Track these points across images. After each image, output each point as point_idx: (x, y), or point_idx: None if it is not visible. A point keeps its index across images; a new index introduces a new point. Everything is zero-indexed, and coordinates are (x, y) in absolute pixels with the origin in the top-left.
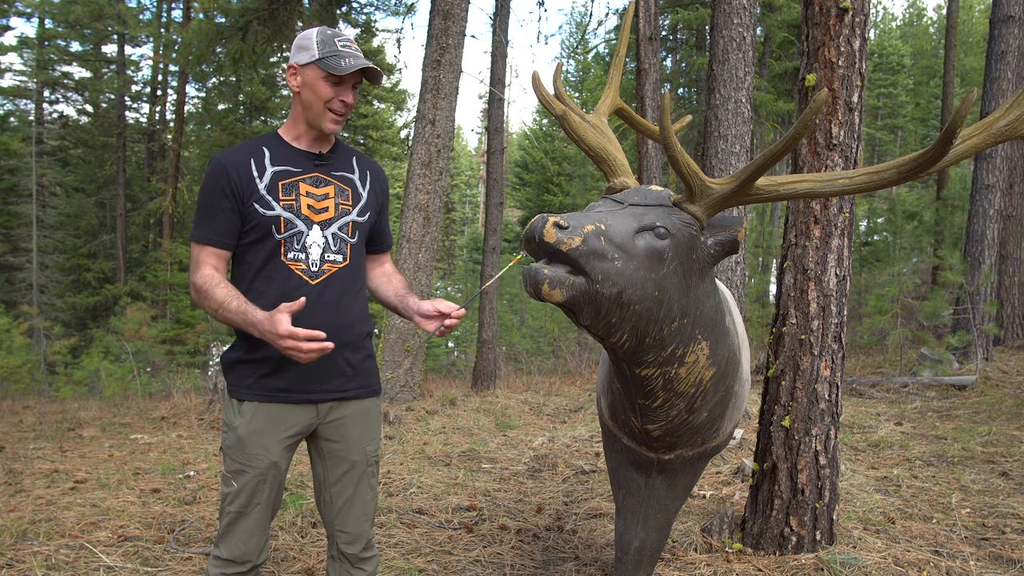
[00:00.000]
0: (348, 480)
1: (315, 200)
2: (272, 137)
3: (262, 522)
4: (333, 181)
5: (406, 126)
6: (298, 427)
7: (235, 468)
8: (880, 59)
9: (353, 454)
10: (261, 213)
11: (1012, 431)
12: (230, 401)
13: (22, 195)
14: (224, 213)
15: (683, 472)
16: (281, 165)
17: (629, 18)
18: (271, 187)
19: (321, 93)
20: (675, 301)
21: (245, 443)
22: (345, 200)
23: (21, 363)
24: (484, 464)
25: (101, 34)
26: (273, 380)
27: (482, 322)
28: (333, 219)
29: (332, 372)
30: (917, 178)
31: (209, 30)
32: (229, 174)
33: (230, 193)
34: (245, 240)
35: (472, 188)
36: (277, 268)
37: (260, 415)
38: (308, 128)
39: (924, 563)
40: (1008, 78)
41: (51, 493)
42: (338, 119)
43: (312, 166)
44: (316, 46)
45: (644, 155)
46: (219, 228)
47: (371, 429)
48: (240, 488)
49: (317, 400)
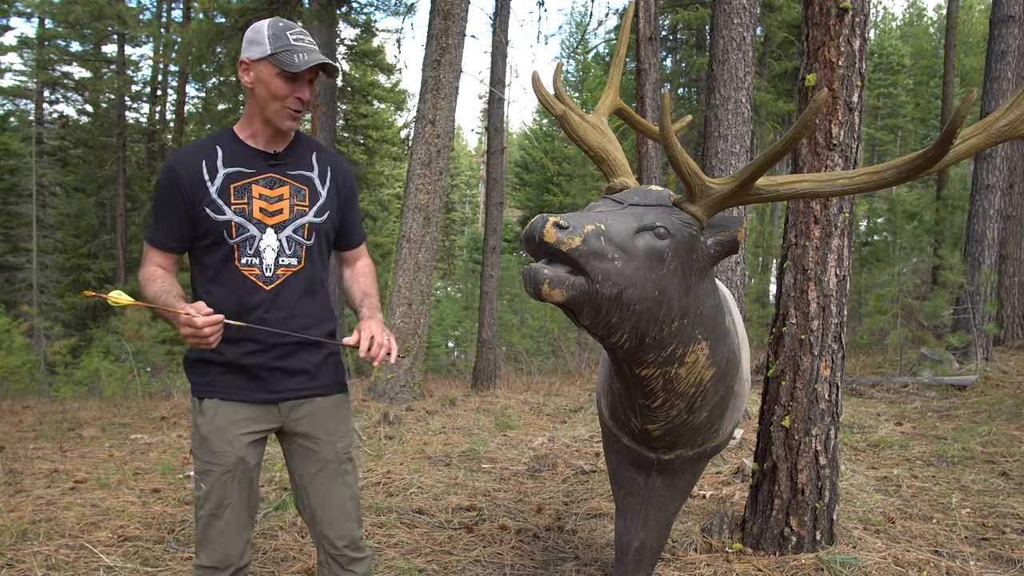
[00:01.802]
0: (322, 479)
1: (268, 202)
2: (226, 135)
3: (238, 522)
4: (288, 181)
5: (406, 126)
6: (260, 424)
7: (202, 469)
8: (880, 59)
9: (324, 452)
10: (212, 218)
11: (1012, 431)
12: (193, 400)
13: (22, 195)
14: (172, 216)
15: (683, 472)
16: (234, 166)
17: (629, 18)
18: (222, 190)
19: (275, 90)
20: (675, 301)
21: (208, 441)
22: (301, 201)
23: (21, 363)
24: (484, 464)
25: (101, 34)
26: (231, 378)
27: (482, 322)
28: (287, 221)
29: (291, 372)
30: (917, 178)
31: (209, 30)
32: (180, 177)
33: (180, 197)
34: (200, 244)
35: (472, 188)
36: (232, 274)
37: (221, 411)
38: (264, 125)
39: (924, 563)
40: (1008, 78)
41: (51, 493)
42: (295, 115)
43: (266, 166)
44: (268, 40)
45: (644, 155)
46: (165, 230)
47: (340, 425)
48: (209, 489)
49: (276, 400)
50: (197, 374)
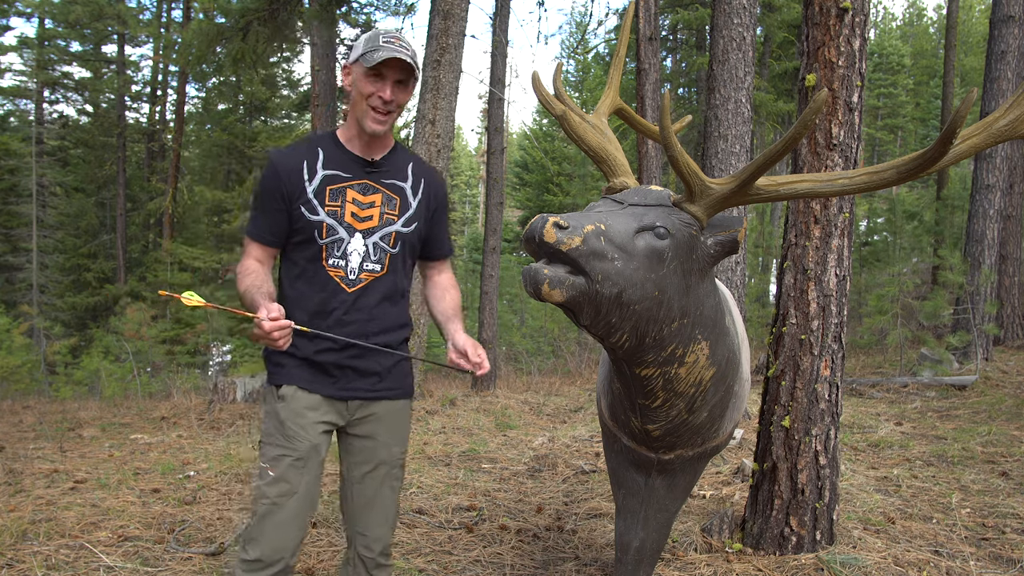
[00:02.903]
0: (371, 480)
1: (360, 208)
2: (329, 137)
3: (299, 515)
4: (382, 189)
5: (406, 126)
6: (330, 416)
7: (274, 455)
8: (880, 59)
9: (379, 454)
10: (306, 217)
11: (1012, 431)
12: (269, 389)
13: (22, 195)
14: (272, 212)
15: (683, 472)
16: (332, 169)
17: (629, 18)
18: (319, 191)
19: (361, 89)
20: (675, 301)
21: (286, 425)
22: (391, 210)
23: (21, 363)
24: (484, 464)
25: (101, 34)
26: (307, 371)
27: (482, 322)
28: (376, 228)
29: (362, 372)
30: (917, 178)
31: (209, 30)
32: (280, 176)
33: (279, 194)
34: (293, 239)
35: (472, 188)
36: (317, 273)
37: (299, 397)
38: (359, 130)
39: (924, 563)
40: (1008, 78)
41: (51, 493)
42: (380, 118)
43: (363, 172)
44: (363, 43)
45: (644, 155)
46: (265, 225)
47: (400, 431)
48: (279, 475)
49: (346, 397)
50: (275, 364)
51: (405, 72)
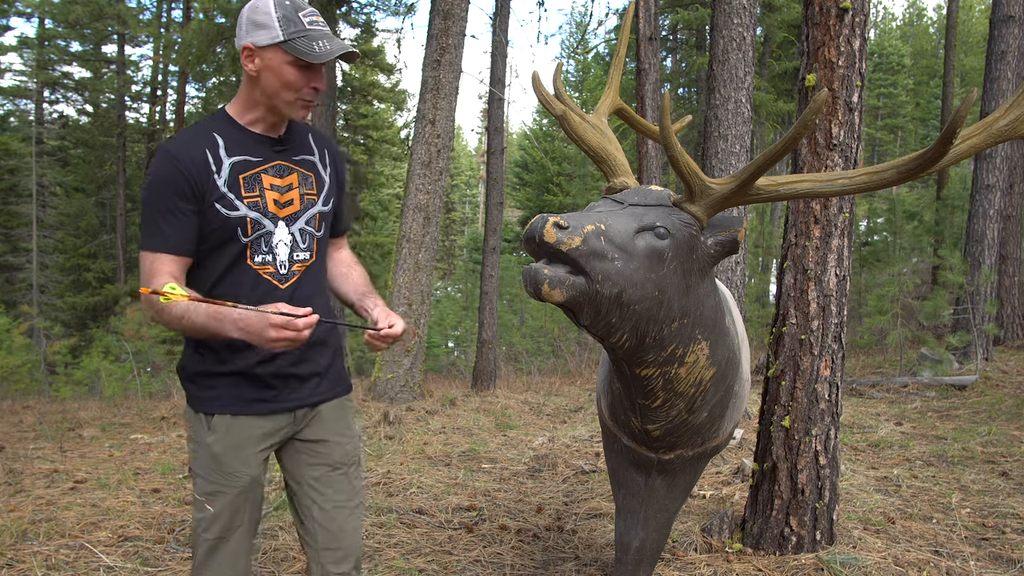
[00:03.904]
0: (330, 483)
1: (279, 193)
2: (222, 120)
3: (246, 543)
4: (296, 168)
5: (406, 126)
6: (275, 438)
7: (210, 490)
8: (880, 59)
9: (334, 455)
10: (224, 215)
11: (1012, 431)
12: (196, 416)
13: (22, 195)
14: (182, 215)
15: (683, 472)
16: (238, 155)
17: (629, 18)
18: (231, 183)
19: (289, 81)
20: (675, 301)
21: (221, 460)
22: (309, 189)
23: (21, 363)
24: (484, 464)
25: (101, 34)
26: (245, 390)
27: (482, 322)
28: (299, 213)
29: (304, 375)
30: (917, 178)
31: (209, 30)
32: (185, 169)
33: (188, 193)
34: (203, 245)
35: (472, 188)
36: (243, 274)
37: (235, 428)
38: (268, 113)
39: (924, 563)
40: (1008, 78)
41: (51, 493)
42: (309, 105)
43: (273, 153)
44: (278, 24)
45: (644, 155)
46: (177, 233)
47: (349, 426)
48: (218, 512)
49: (293, 407)
50: (201, 387)
51: None
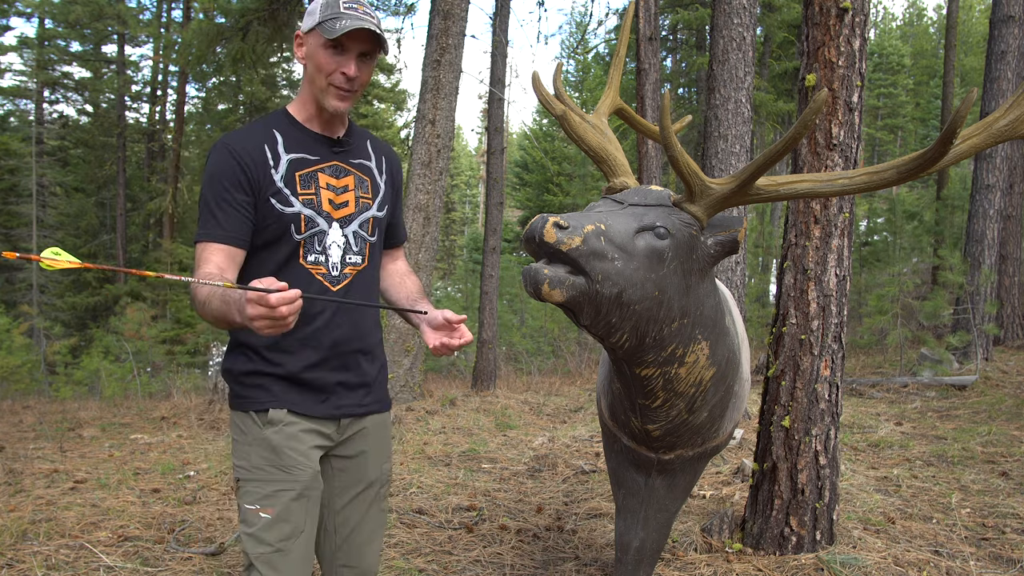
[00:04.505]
0: (360, 503)
1: (335, 193)
2: (282, 117)
3: (308, 556)
4: (352, 171)
5: (406, 126)
6: (324, 442)
7: (268, 491)
8: (880, 59)
9: (370, 472)
10: (279, 210)
11: (1012, 431)
12: (246, 416)
13: (22, 195)
14: (237, 208)
15: (683, 472)
16: (297, 152)
17: (629, 18)
18: (288, 179)
19: (321, 64)
20: (675, 301)
21: (282, 452)
22: (365, 193)
23: (21, 363)
24: (484, 464)
25: (101, 34)
26: (293, 393)
27: (482, 322)
28: (354, 215)
29: (353, 384)
30: (917, 178)
31: (209, 30)
32: (243, 162)
33: (245, 184)
34: (257, 241)
35: (472, 188)
36: (295, 273)
37: (293, 421)
38: (319, 108)
39: (924, 563)
40: (1008, 78)
41: (51, 493)
42: (343, 95)
43: (331, 153)
44: (319, 9)
45: (644, 155)
46: (230, 223)
47: (387, 445)
48: (280, 515)
49: (339, 415)
50: (251, 386)
51: (370, 43)
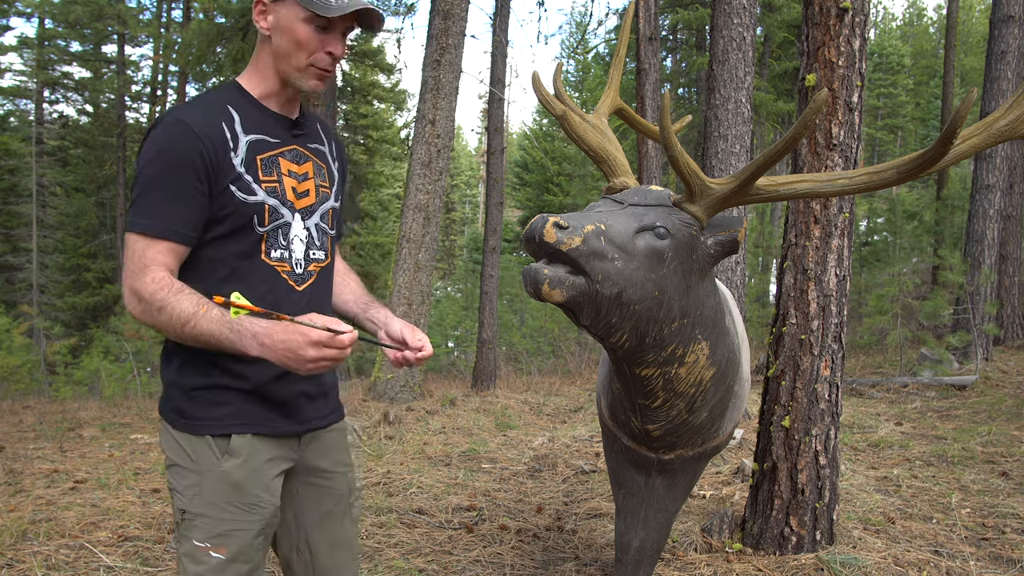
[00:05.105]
0: (332, 518)
1: (297, 181)
2: (235, 92)
3: None
4: (311, 156)
5: (406, 126)
6: (284, 464)
7: (222, 530)
8: (880, 59)
9: (337, 486)
10: (239, 199)
11: (1012, 431)
12: (198, 441)
13: (22, 195)
14: (191, 196)
15: (683, 472)
16: (255, 133)
17: (629, 18)
18: (249, 163)
19: (302, 41)
20: (675, 301)
21: (243, 489)
22: (323, 181)
23: (21, 363)
24: (484, 464)
25: (101, 34)
26: (257, 408)
27: (482, 322)
28: (315, 206)
29: (314, 393)
30: (917, 178)
31: (209, 30)
32: (203, 143)
33: (201, 170)
34: (210, 233)
35: (472, 188)
36: (256, 271)
37: (257, 450)
38: (282, 86)
39: (924, 563)
40: (1008, 78)
41: (51, 493)
42: (323, 74)
43: (290, 136)
44: None
45: (644, 155)
46: (181, 216)
47: (347, 453)
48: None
49: (303, 430)
50: (206, 404)
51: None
